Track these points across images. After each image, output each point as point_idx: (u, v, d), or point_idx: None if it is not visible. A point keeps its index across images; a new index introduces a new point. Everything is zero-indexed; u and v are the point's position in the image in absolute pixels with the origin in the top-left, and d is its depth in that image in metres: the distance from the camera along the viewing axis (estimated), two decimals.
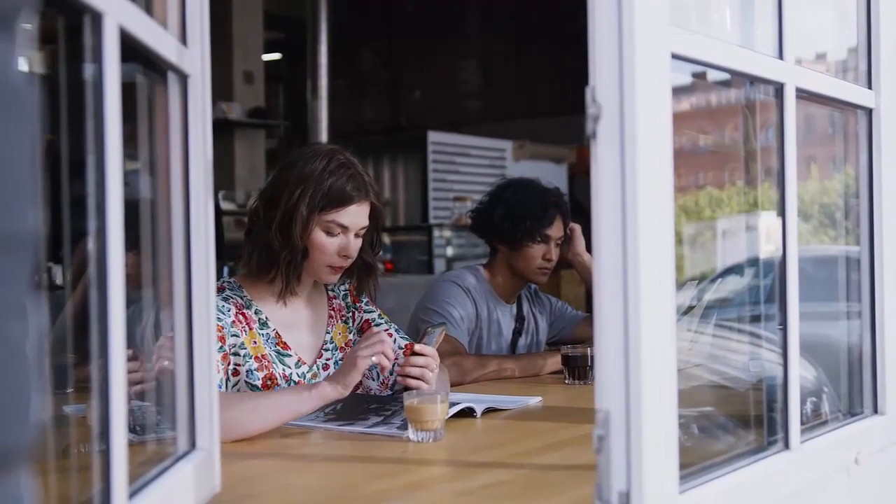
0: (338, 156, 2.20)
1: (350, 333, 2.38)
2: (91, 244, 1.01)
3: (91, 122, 1.00)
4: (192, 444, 1.36)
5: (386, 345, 2.00)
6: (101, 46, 1.00)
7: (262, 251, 2.18)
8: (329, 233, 2.18)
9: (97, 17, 0.99)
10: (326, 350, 2.32)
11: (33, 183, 0.59)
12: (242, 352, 2.13)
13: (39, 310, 0.59)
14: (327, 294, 2.39)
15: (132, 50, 1.11)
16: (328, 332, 2.33)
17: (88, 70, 1.02)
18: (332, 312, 2.36)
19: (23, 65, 0.60)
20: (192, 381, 1.36)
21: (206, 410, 1.38)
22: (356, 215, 2.21)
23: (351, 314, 2.40)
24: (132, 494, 1.08)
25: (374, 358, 1.97)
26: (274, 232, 2.15)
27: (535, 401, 2.34)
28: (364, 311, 2.42)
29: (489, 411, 2.17)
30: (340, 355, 2.32)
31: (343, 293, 2.41)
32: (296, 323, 2.27)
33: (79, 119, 1.02)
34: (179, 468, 1.28)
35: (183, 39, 1.34)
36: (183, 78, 1.34)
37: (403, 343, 2.37)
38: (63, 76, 1.06)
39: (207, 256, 1.38)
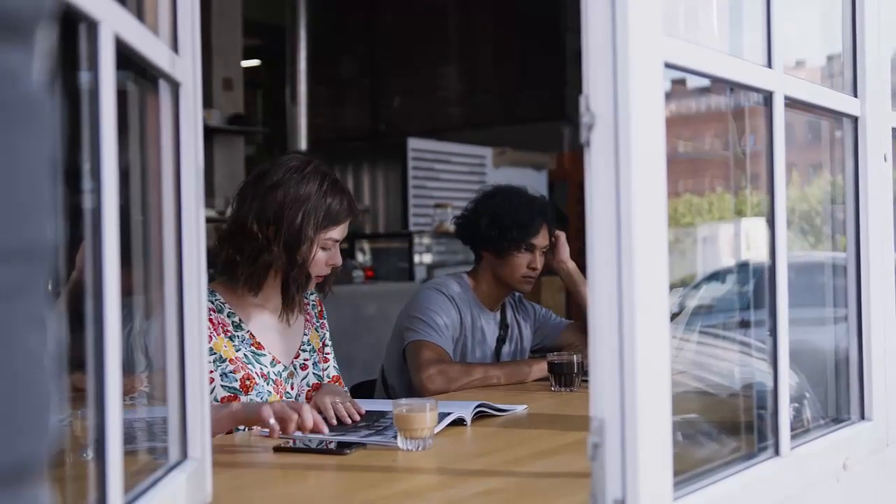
0: (325, 173, 2.30)
1: (320, 341, 2.47)
2: (87, 252, 1.00)
3: (87, 130, 1.00)
4: (184, 454, 1.35)
5: (292, 422, 1.91)
6: (96, 54, 0.99)
7: (262, 269, 2.24)
8: (324, 248, 2.28)
9: (93, 26, 0.98)
10: (304, 350, 2.40)
11: (52, 193, 0.59)
12: (212, 356, 2.17)
13: (56, 320, 0.59)
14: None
15: (124, 57, 1.10)
16: (305, 334, 2.41)
17: (83, 77, 1.01)
18: (308, 316, 2.45)
19: (40, 74, 0.59)
20: (184, 391, 1.35)
21: (197, 420, 1.37)
22: (346, 229, 2.33)
23: (321, 324, 2.50)
24: None
25: (272, 421, 1.89)
26: (278, 253, 2.21)
27: (521, 409, 2.35)
28: (325, 329, 2.51)
29: (479, 416, 2.18)
30: (317, 357, 2.42)
31: (312, 303, 2.49)
32: (272, 326, 2.33)
33: (73, 126, 1.02)
34: (172, 478, 1.27)
35: (175, 47, 1.33)
36: (175, 86, 1.33)
37: (333, 374, 2.44)
38: (56, 83, 1.05)
39: (199, 265, 1.37)
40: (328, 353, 2.49)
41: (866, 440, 1.79)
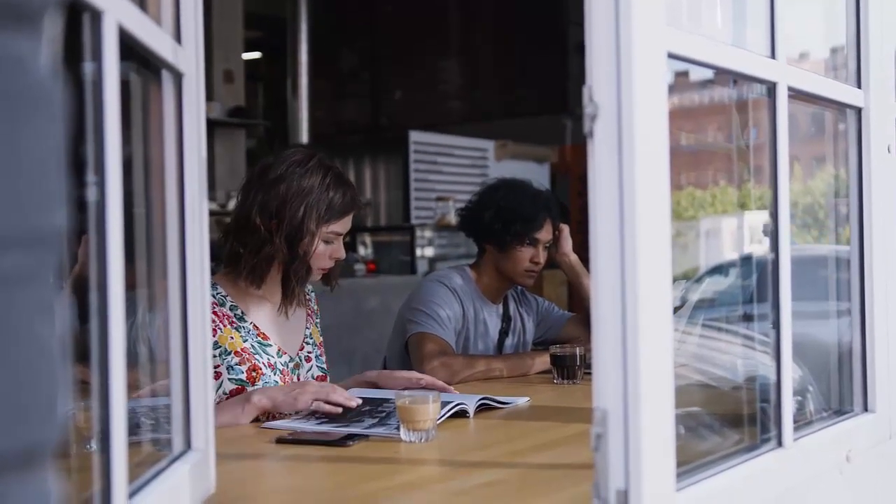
0: (328, 166, 2.30)
1: (320, 336, 2.49)
2: (91, 244, 1.00)
3: (90, 120, 1.00)
4: (188, 445, 1.35)
5: (332, 397, 2.08)
6: (100, 44, 0.99)
7: (265, 262, 2.26)
8: (326, 242, 2.29)
9: (97, 15, 0.98)
10: (307, 343, 2.42)
11: (61, 180, 0.59)
12: (217, 350, 2.19)
13: (65, 308, 0.59)
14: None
15: (128, 48, 1.10)
16: (307, 328, 2.44)
17: (87, 68, 1.01)
18: (309, 311, 2.47)
19: (49, 61, 0.59)
20: (188, 382, 1.35)
21: (201, 411, 1.37)
22: (349, 222, 2.33)
23: (320, 320, 2.52)
24: (131, 495, 1.07)
25: (314, 405, 2.07)
26: (280, 245, 2.23)
27: (523, 401, 2.35)
28: (319, 328, 2.53)
29: (482, 409, 2.18)
30: (319, 351, 2.45)
31: (312, 299, 2.52)
32: (275, 318, 2.35)
33: (76, 117, 1.02)
34: (176, 469, 1.27)
35: (178, 38, 1.33)
36: (178, 77, 1.33)
37: (318, 373, 2.44)
38: (61, 73, 1.05)
39: (202, 256, 1.37)
40: (320, 352, 2.51)
41: (869, 432, 1.79)
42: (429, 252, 7.54)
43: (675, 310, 2.26)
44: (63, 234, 0.60)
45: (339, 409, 2.07)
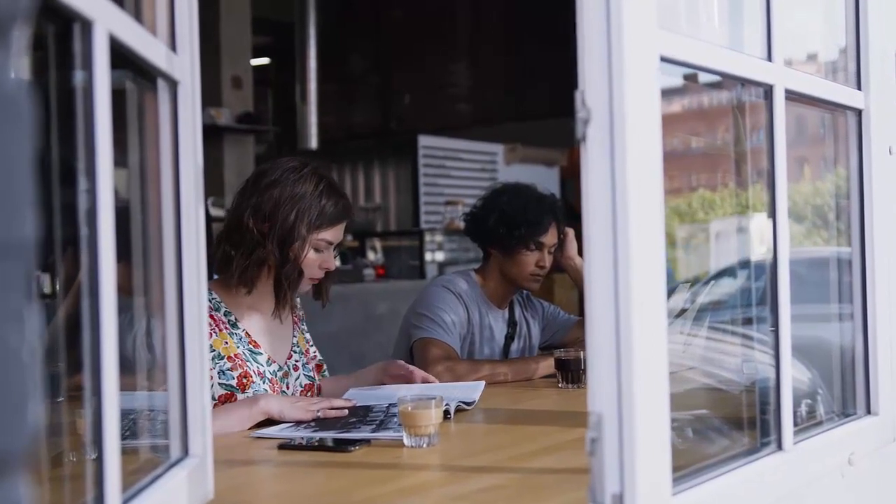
0: (322, 175, 2.34)
1: (307, 343, 2.52)
2: (82, 252, 1.00)
3: (81, 129, 1.00)
4: (185, 451, 1.36)
5: (334, 404, 2.18)
6: (90, 53, 1.00)
7: (256, 265, 2.28)
8: (317, 249, 2.32)
9: (87, 25, 0.99)
10: (295, 352, 2.44)
11: (30, 189, 0.59)
12: (211, 354, 2.21)
13: (36, 316, 0.60)
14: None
15: (121, 56, 1.11)
16: (294, 336, 2.47)
17: (78, 77, 1.01)
18: (296, 319, 2.50)
19: (18, 72, 0.60)
20: (185, 388, 1.35)
21: (198, 417, 1.37)
22: (341, 232, 2.36)
23: (304, 328, 2.54)
24: (125, 501, 1.08)
25: (320, 413, 2.12)
26: (272, 249, 2.26)
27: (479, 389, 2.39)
28: (306, 332, 2.55)
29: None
30: (305, 359, 2.47)
31: (298, 307, 2.55)
32: (265, 327, 2.37)
33: (68, 126, 1.02)
34: (173, 475, 1.27)
35: (172, 46, 1.34)
36: (173, 85, 1.33)
37: (306, 381, 2.47)
38: (52, 83, 1.05)
39: (199, 264, 1.37)
40: (314, 349, 2.54)
41: (872, 435, 1.78)
42: (438, 256, 7.54)
43: (682, 312, 2.26)
44: (33, 243, 0.60)
45: (346, 412, 2.13)
